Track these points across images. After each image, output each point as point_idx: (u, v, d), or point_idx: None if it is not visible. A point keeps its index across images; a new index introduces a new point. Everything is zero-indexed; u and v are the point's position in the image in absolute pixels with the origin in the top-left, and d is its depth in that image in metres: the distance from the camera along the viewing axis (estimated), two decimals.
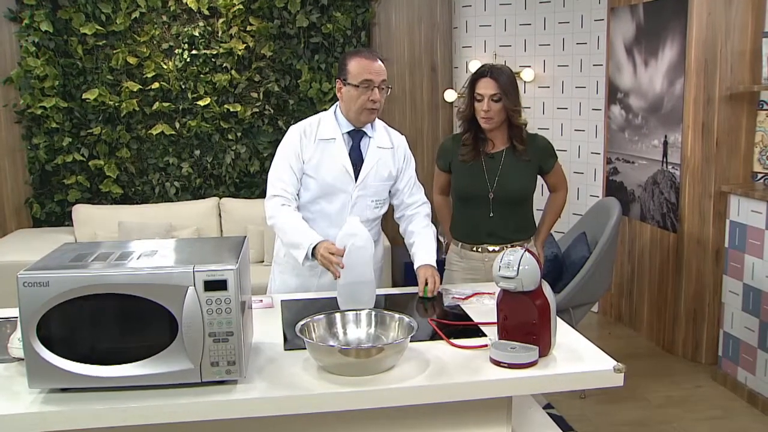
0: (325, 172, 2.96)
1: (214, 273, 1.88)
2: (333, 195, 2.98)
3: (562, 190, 3.44)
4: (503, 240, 3.23)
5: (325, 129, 2.99)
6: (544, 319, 2.13)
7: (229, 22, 5.65)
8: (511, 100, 3.09)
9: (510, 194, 3.20)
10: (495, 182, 3.19)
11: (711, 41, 4.33)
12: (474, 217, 3.26)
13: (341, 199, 2.98)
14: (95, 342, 1.89)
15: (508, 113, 3.12)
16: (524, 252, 2.14)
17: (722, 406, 4.04)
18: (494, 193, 3.18)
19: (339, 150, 2.97)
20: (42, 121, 5.50)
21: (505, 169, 3.19)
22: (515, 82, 3.15)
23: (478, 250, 3.27)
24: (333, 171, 2.96)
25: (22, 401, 1.88)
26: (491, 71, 3.11)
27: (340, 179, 2.96)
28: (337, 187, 2.97)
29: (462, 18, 6.01)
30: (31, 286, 1.83)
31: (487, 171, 3.20)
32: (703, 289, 4.59)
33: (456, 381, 2.01)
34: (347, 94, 2.92)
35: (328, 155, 2.96)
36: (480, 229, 3.25)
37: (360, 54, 2.92)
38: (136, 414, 1.86)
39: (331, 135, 2.97)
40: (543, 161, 3.29)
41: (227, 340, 1.91)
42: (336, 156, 2.96)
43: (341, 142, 2.97)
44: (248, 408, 1.91)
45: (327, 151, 2.97)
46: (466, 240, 3.30)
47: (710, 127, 4.40)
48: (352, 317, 2.26)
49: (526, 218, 3.30)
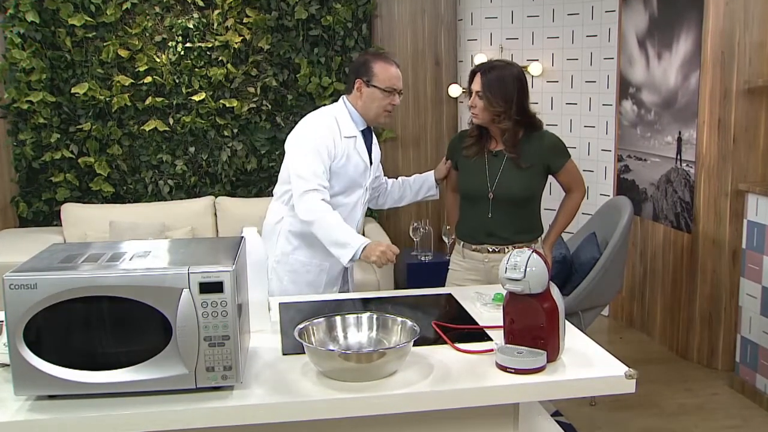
0: (352, 169, 3.15)
1: (210, 275, 1.88)
2: (353, 190, 3.19)
3: (578, 191, 3.33)
4: (504, 241, 3.21)
5: (346, 126, 3.16)
6: (552, 323, 2.11)
7: (225, 13, 5.57)
8: (492, 103, 3.07)
9: (510, 195, 3.16)
10: (495, 182, 3.17)
11: (728, 32, 4.27)
12: (475, 216, 3.25)
13: (358, 194, 3.22)
14: (85, 347, 1.88)
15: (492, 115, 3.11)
16: (531, 253, 2.12)
17: (740, 414, 3.99)
18: (494, 193, 3.17)
19: (361, 147, 3.18)
20: (29, 117, 5.41)
21: (506, 170, 3.17)
22: (508, 82, 3.09)
23: (479, 250, 3.26)
24: (359, 167, 3.17)
25: (8, 409, 1.86)
26: (482, 68, 3.15)
27: (362, 174, 3.20)
28: (358, 182, 3.19)
29: (467, 10, 5.98)
30: (17, 289, 1.82)
31: (489, 170, 3.20)
32: (719, 292, 4.53)
33: (461, 387, 2.01)
34: (371, 95, 3.13)
35: (353, 152, 3.15)
36: (480, 229, 3.24)
37: (384, 59, 3.16)
38: (127, 422, 1.84)
39: (352, 132, 3.16)
40: (551, 161, 3.20)
41: (223, 345, 1.90)
42: (358, 152, 3.17)
43: (360, 139, 3.19)
44: (245, 415, 1.91)
45: (352, 147, 3.15)
46: (468, 239, 3.30)
47: (727, 122, 4.35)
48: (353, 320, 2.26)
49: (529, 220, 3.25)
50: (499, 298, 2.62)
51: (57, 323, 1.85)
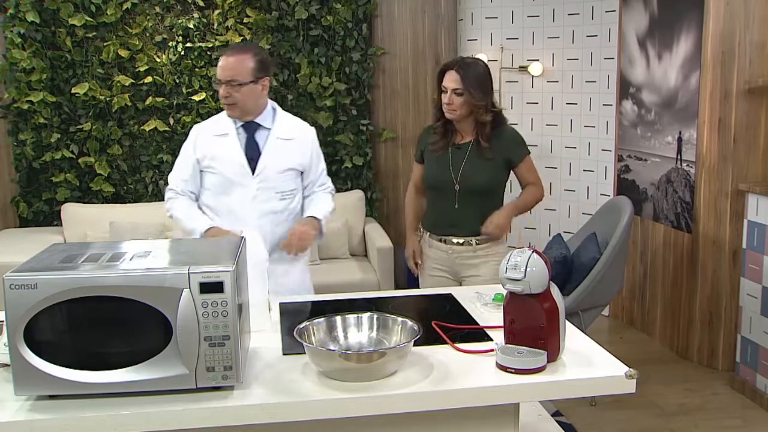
0: (221, 167, 3.08)
1: (210, 275, 1.86)
2: (231, 189, 3.10)
3: (538, 185, 3.39)
4: (469, 232, 3.30)
5: (220, 125, 3.12)
6: (552, 323, 2.10)
7: (225, 13, 5.56)
8: (475, 97, 3.16)
9: (474, 186, 3.26)
10: (459, 174, 3.27)
11: (729, 32, 4.26)
12: (441, 208, 3.35)
13: (240, 193, 3.08)
14: (85, 347, 1.87)
15: (472, 109, 3.20)
16: (532, 253, 2.11)
17: (740, 415, 3.98)
18: (459, 184, 3.26)
19: (231, 144, 3.08)
20: (29, 117, 5.39)
21: (470, 161, 3.26)
22: (485, 77, 3.22)
23: (444, 241, 3.37)
24: (232, 166, 3.07)
25: (8, 409, 1.84)
26: (458, 65, 3.20)
27: (236, 173, 3.07)
28: (235, 181, 3.08)
29: (467, 9, 5.96)
30: (18, 289, 1.81)
31: (453, 162, 3.29)
32: (719, 292, 4.52)
33: (461, 387, 1.99)
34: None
35: (222, 150, 3.09)
36: (445, 220, 3.35)
37: None
38: (127, 422, 1.83)
39: (224, 130, 3.10)
40: (512, 154, 3.31)
41: (223, 345, 1.88)
42: (230, 150, 3.08)
43: (234, 136, 3.08)
44: (245, 415, 1.89)
45: (221, 146, 3.09)
46: (433, 230, 3.41)
47: (727, 122, 4.33)
48: (354, 320, 2.25)
49: (493, 210, 3.30)
50: (500, 298, 2.61)
51: (57, 323, 1.84)
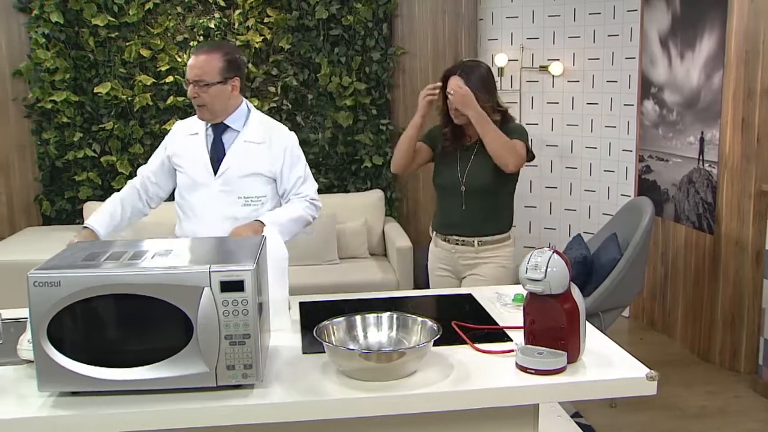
0: (187, 165, 3.10)
1: (231, 273, 1.87)
2: (195, 189, 3.09)
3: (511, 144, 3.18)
4: (474, 232, 3.33)
5: (194, 124, 3.13)
6: (572, 324, 2.09)
7: (246, 13, 5.57)
8: (481, 98, 3.17)
9: (479, 186, 3.29)
10: (466, 174, 3.31)
11: (753, 31, 4.22)
12: (449, 208, 3.40)
13: (202, 194, 3.07)
14: (107, 344, 1.89)
15: None
16: (552, 253, 2.10)
17: (763, 418, 3.93)
18: (465, 185, 3.31)
19: (198, 144, 3.08)
20: (52, 116, 5.44)
21: (475, 162, 3.30)
22: (488, 78, 3.26)
23: (448, 240, 3.42)
24: (193, 164, 3.08)
25: (32, 405, 1.87)
26: (462, 70, 3.23)
27: (199, 173, 3.07)
28: (198, 181, 3.07)
29: (488, 9, 5.96)
30: (41, 286, 1.83)
31: (460, 163, 3.34)
32: (741, 294, 4.48)
33: (480, 387, 2.00)
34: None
35: (189, 149, 3.10)
36: (452, 220, 3.39)
37: None
38: (148, 419, 1.85)
39: (194, 130, 3.11)
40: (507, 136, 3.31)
41: (244, 343, 1.89)
42: (196, 150, 3.08)
43: (202, 136, 3.09)
44: (265, 413, 1.90)
45: (190, 145, 3.11)
46: (440, 230, 3.47)
47: (751, 122, 4.29)
48: (373, 320, 2.26)
49: (499, 212, 3.37)
50: (520, 299, 2.61)
51: (80, 321, 1.86)
